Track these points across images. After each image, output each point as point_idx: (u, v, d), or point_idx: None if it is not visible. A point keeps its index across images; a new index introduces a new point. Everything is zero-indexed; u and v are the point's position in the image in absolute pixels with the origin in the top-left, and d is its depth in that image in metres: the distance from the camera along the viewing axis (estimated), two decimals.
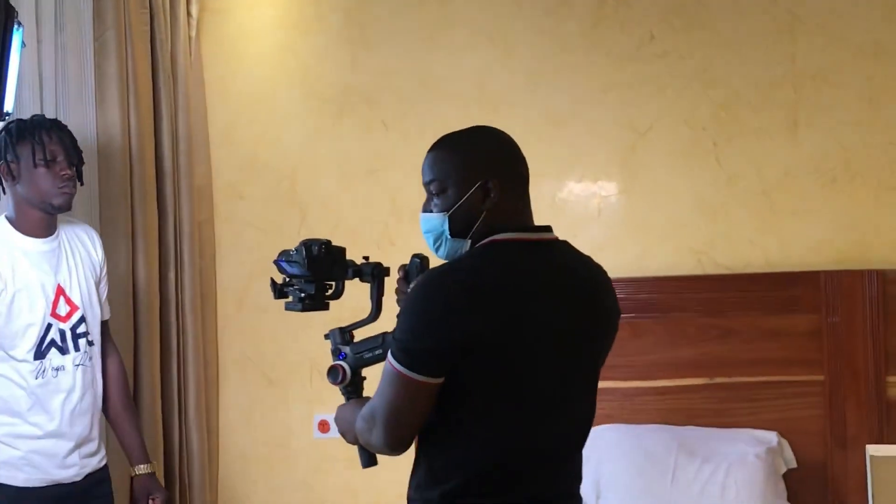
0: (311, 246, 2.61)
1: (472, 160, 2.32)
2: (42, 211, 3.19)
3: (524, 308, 2.18)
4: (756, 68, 4.22)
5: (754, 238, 4.22)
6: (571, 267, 2.32)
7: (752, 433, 4.02)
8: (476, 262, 2.23)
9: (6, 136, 3.14)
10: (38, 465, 3.16)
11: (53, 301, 3.19)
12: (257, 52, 4.70)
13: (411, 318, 2.18)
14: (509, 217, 2.28)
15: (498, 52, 4.45)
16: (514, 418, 2.20)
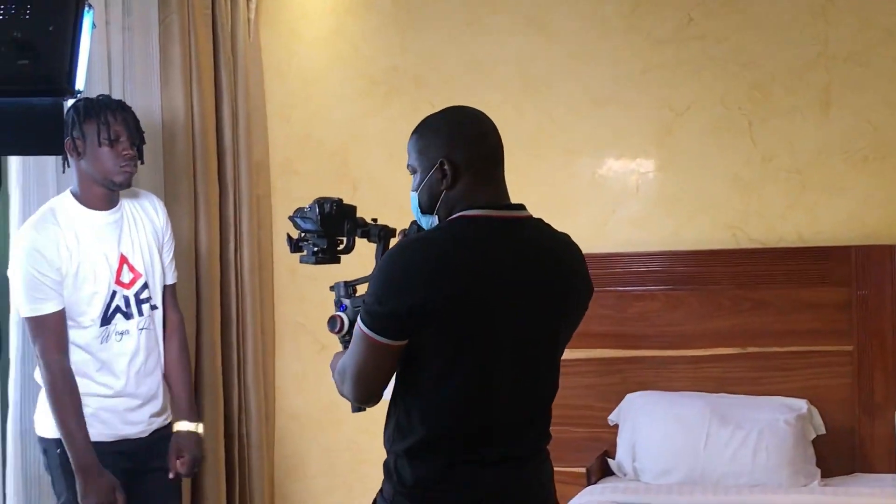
0: (324, 203, 2.68)
1: (431, 142, 2.34)
2: (104, 187, 3.24)
3: (482, 280, 2.20)
4: (790, 50, 4.20)
5: (787, 214, 4.21)
6: (537, 244, 2.32)
7: (783, 400, 4.02)
8: (439, 235, 2.27)
9: (74, 113, 3.18)
10: (106, 421, 3.23)
11: (117, 270, 3.25)
12: (312, 34, 4.74)
13: (376, 283, 2.23)
14: (471, 195, 2.29)
15: (540, 35, 4.46)
16: (469, 384, 2.24)
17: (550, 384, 2.39)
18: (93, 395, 3.22)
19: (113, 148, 3.18)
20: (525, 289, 2.26)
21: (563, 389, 4.57)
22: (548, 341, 2.35)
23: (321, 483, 4.75)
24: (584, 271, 2.42)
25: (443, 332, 2.20)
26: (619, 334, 4.21)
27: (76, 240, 3.18)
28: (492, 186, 2.33)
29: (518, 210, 2.34)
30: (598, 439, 4.22)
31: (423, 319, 2.18)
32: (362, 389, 2.32)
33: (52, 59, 1.94)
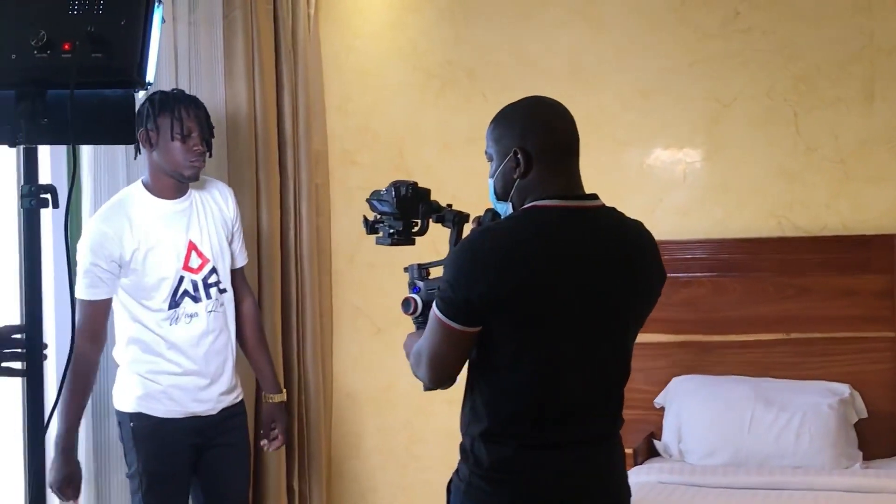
0: (400, 187, 2.66)
1: (506, 132, 2.32)
2: (173, 178, 3.29)
3: (551, 268, 2.19)
4: (835, 43, 4.16)
5: (830, 203, 4.18)
6: (608, 232, 2.30)
7: (826, 385, 4.00)
8: (512, 224, 2.27)
9: (149, 106, 3.23)
10: (176, 398, 3.28)
11: (185, 256, 3.29)
12: (369, 29, 4.75)
13: (450, 271, 2.23)
14: (544, 184, 2.27)
15: (590, 28, 4.45)
16: (539, 369, 2.23)
17: (620, 369, 2.36)
18: (164, 372, 3.27)
19: (184, 143, 3.23)
20: (594, 276, 2.24)
21: None
22: (617, 327, 2.32)
23: (376, 460, 4.78)
24: (655, 258, 2.40)
25: (513, 319, 2.20)
26: (665, 319, 4.16)
27: (145, 228, 3.23)
28: (564, 176, 2.30)
29: (590, 199, 2.31)
30: (646, 421, 4.21)
31: (493, 307, 2.18)
32: (437, 373, 2.33)
33: (125, 53, 1.96)
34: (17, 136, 2.03)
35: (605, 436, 2.36)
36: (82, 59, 1.95)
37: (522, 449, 2.27)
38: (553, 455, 2.28)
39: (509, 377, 2.26)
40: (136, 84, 2.02)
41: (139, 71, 2.00)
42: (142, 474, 3.23)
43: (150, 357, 3.27)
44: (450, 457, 4.70)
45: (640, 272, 2.34)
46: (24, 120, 2.01)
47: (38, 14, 1.97)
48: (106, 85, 2.03)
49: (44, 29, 1.94)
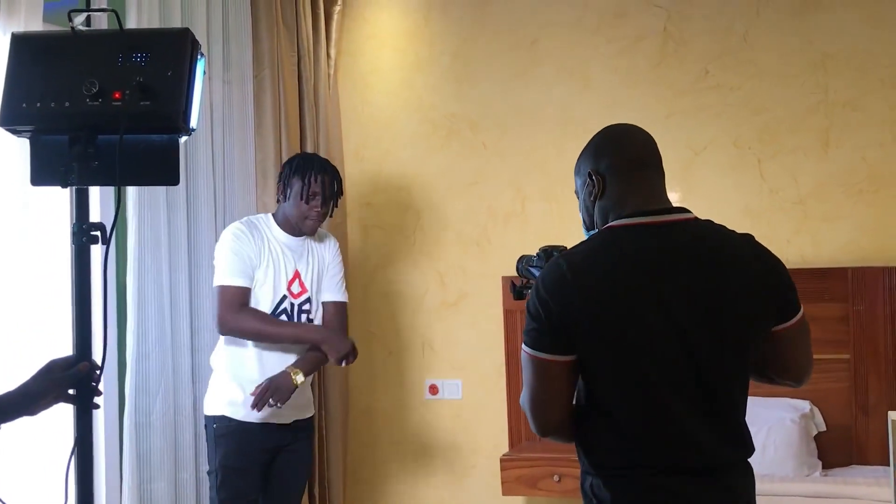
0: (552, 252, 2.44)
1: (581, 161, 2.13)
2: (297, 230, 3.40)
3: (622, 289, 1.93)
4: (794, 98, 4.14)
5: (791, 239, 4.14)
6: (690, 246, 1.97)
7: (789, 401, 3.95)
8: (585, 248, 2.02)
9: (288, 167, 3.42)
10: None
11: (290, 281, 3.37)
12: (382, 86, 4.74)
13: (529, 302, 2.00)
14: (620, 202, 2.02)
15: (578, 85, 4.43)
16: (633, 395, 1.94)
17: (730, 389, 1.98)
18: (249, 381, 3.27)
19: (308, 203, 3.34)
20: (675, 293, 1.92)
21: None
22: (718, 343, 1.94)
23: (390, 469, 4.71)
24: (762, 267, 2.00)
25: (595, 344, 1.94)
26: None
27: (268, 247, 3.34)
28: (641, 191, 2.03)
29: (669, 214, 2.02)
30: None
31: (570, 331, 1.93)
32: (537, 412, 2.02)
33: (170, 101, 1.92)
34: (70, 177, 1.97)
35: (725, 463, 1.99)
36: (131, 107, 1.91)
37: (644, 480, 1.95)
38: (669, 484, 1.94)
39: (606, 406, 1.98)
40: (180, 130, 1.98)
41: (184, 118, 1.95)
42: (218, 469, 3.26)
43: (240, 363, 3.31)
44: (454, 465, 4.66)
45: (734, 284, 1.95)
46: (77, 163, 1.96)
47: (91, 65, 1.93)
48: (152, 130, 1.99)
49: (96, 79, 1.90)
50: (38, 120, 1.97)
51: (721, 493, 1.98)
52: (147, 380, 3.44)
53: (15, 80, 1.98)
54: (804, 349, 2.08)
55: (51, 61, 1.98)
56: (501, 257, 4.42)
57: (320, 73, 4.53)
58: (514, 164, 4.50)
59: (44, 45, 2.03)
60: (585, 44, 4.42)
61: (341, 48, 4.73)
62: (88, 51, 1.99)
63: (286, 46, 4.25)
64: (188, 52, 1.96)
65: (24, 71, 1.98)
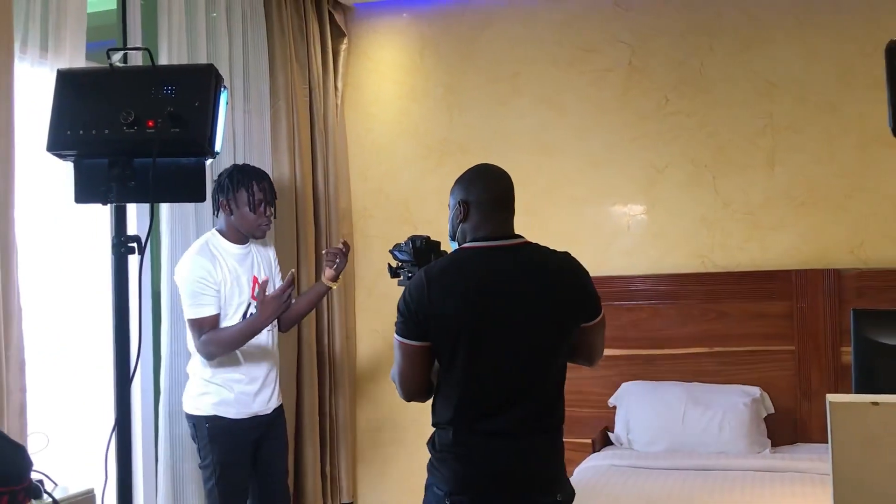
0: (416, 240, 2.70)
1: (457, 188, 2.36)
2: (245, 236, 3.29)
3: (467, 293, 2.21)
4: (743, 122, 4.15)
5: (743, 246, 4.15)
6: (522, 263, 2.26)
7: (741, 388, 3.96)
8: (442, 262, 2.31)
9: (228, 181, 3.24)
10: (245, 403, 3.22)
11: (252, 286, 3.26)
12: (383, 115, 4.74)
13: (400, 300, 2.28)
14: (476, 229, 2.30)
15: (553, 112, 4.44)
16: (463, 374, 2.23)
17: (536, 372, 2.26)
18: (236, 381, 3.21)
19: (255, 211, 3.23)
20: (505, 298, 2.22)
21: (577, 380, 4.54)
22: (531, 336, 2.24)
23: (391, 449, 4.70)
24: (574, 278, 2.30)
25: (442, 334, 2.22)
26: (616, 337, 4.15)
27: (226, 265, 3.20)
28: (493, 223, 2.31)
29: (509, 239, 2.30)
30: (601, 418, 4.16)
31: (427, 323, 2.22)
32: (403, 384, 2.33)
33: (198, 128, 1.92)
34: (110, 196, 1.98)
35: (526, 429, 2.26)
36: (163, 134, 1.91)
37: (456, 435, 2.26)
38: (480, 442, 2.24)
39: (444, 381, 2.28)
40: (206, 154, 1.98)
41: (209, 143, 1.96)
42: (215, 465, 3.16)
43: (225, 368, 3.21)
44: None
45: (552, 292, 2.25)
46: (115, 183, 1.96)
47: (127, 97, 1.94)
48: (182, 154, 1.99)
49: (132, 109, 1.90)
50: (82, 145, 1.97)
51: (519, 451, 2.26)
52: (179, 373, 3.42)
53: (61, 110, 1.98)
54: (600, 340, 2.41)
55: (92, 94, 1.99)
56: None
57: (329, 104, 4.53)
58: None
59: (86, 80, 2.04)
60: (560, 76, 4.43)
61: (347, 81, 4.74)
62: (125, 84, 2.00)
63: (299, 80, 4.25)
64: (213, 85, 1.96)
65: (68, 102, 1.99)
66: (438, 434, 2.32)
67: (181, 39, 3.52)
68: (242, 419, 3.21)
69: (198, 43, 3.63)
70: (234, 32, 3.88)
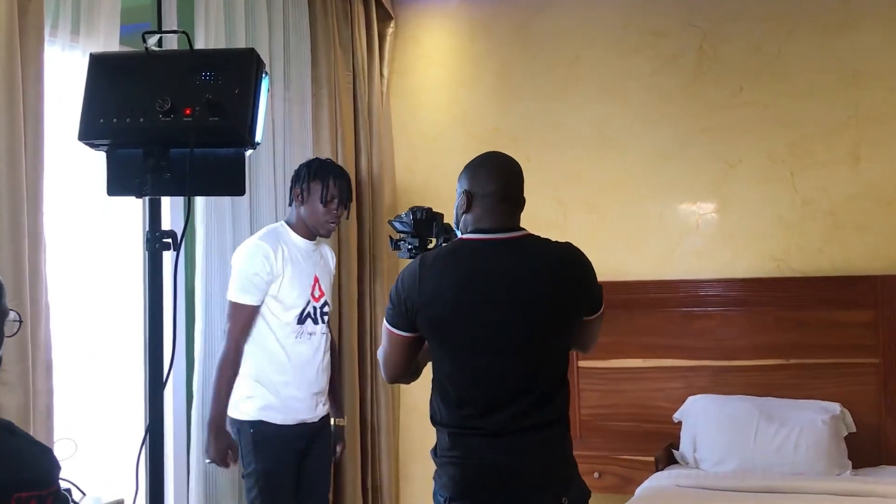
0: (416, 211, 2.75)
1: (463, 176, 2.42)
2: (311, 231, 3.33)
3: (460, 285, 2.24)
4: (825, 113, 4.08)
5: (823, 248, 4.09)
6: (522, 256, 2.29)
7: (820, 403, 3.89)
8: (439, 251, 2.37)
9: (306, 170, 3.32)
10: (292, 408, 3.23)
11: (312, 285, 3.30)
12: (430, 103, 4.75)
13: (393, 285, 2.33)
14: (478, 219, 2.33)
15: (616, 102, 4.41)
16: (452, 370, 2.27)
17: (533, 366, 2.27)
18: (284, 384, 3.22)
19: (326, 207, 3.28)
20: (500, 290, 2.24)
21: (637, 392, 4.49)
22: (527, 330, 2.25)
23: None
24: (574, 272, 2.33)
25: (433, 326, 2.26)
26: (683, 347, 4.13)
27: (290, 256, 3.24)
28: (495, 215, 2.33)
29: (511, 232, 2.33)
30: (666, 433, 4.12)
31: (416, 314, 2.26)
32: (387, 369, 2.42)
33: (237, 117, 1.92)
34: (144, 188, 1.99)
35: (531, 425, 2.27)
36: (201, 123, 1.92)
37: (452, 436, 2.29)
38: (476, 443, 2.26)
39: (438, 375, 2.32)
40: (246, 144, 1.98)
41: (250, 133, 1.96)
42: (259, 473, 3.18)
43: (273, 369, 3.23)
44: None
45: (552, 286, 2.28)
46: (150, 174, 1.97)
47: (163, 83, 1.95)
48: (220, 144, 2.00)
49: (168, 96, 1.91)
50: (115, 134, 1.98)
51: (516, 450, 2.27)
52: (212, 376, 3.44)
53: (93, 97, 2.00)
54: (597, 331, 2.47)
55: (126, 80, 2.00)
56: None
57: (374, 91, 4.55)
58: (557, 177, 4.47)
59: (119, 65, 2.06)
60: (623, 63, 4.40)
61: (393, 67, 4.75)
62: (161, 70, 2.01)
63: (342, 66, 4.27)
64: (254, 70, 1.96)
65: (101, 89, 2.00)
66: (438, 438, 2.36)
67: (219, 22, 3.55)
68: (289, 426, 3.23)
69: (236, 26, 3.67)
70: (274, 14, 3.90)
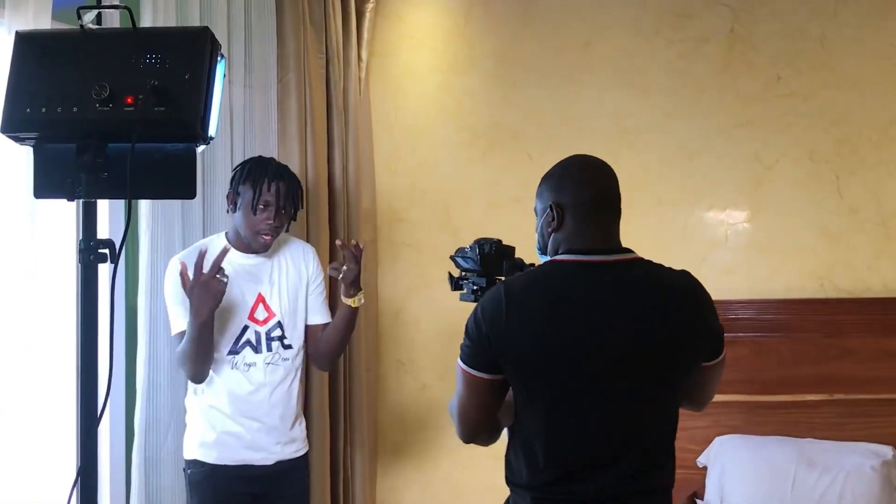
0: (484, 244, 2.67)
1: (546, 188, 2.33)
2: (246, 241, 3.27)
3: (554, 321, 2.15)
4: (876, 107, 4.13)
5: (873, 264, 4.12)
6: (630, 285, 2.20)
7: (869, 446, 3.91)
8: (527, 277, 2.27)
9: (240, 171, 3.26)
10: (229, 445, 3.21)
11: (252, 307, 3.24)
12: (418, 90, 4.76)
13: (469, 319, 2.24)
14: (572, 238, 2.25)
15: (635, 92, 4.43)
16: (545, 423, 2.18)
17: (644, 424, 2.21)
18: (219, 418, 3.21)
19: (258, 214, 3.20)
20: (603, 329, 2.14)
21: None
22: (635, 376, 2.17)
23: None
24: (694, 308, 2.23)
25: (519, 368, 2.18)
26: None
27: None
28: (593, 230, 2.26)
29: (610, 254, 2.24)
30: (688, 480, 4.11)
31: (500, 353, 2.18)
32: (464, 422, 2.30)
33: (188, 107, 1.92)
34: (77, 189, 1.99)
35: (633, 494, 2.21)
36: (145, 113, 1.92)
37: (536, 502, 2.22)
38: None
39: (521, 428, 2.25)
40: (198, 138, 1.98)
41: (202, 125, 1.96)
42: None
43: (208, 402, 3.23)
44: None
45: (667, 323, 2.18)
46: (85, 174, 1.97)
47: (101, 67, 1.94)
48: (168, 139, 1.99)
49: (107, 82, 1.91)
50: (44, 126, 1.98)
51: None
52: (157, 409, 3.44)
53: (19, 82, 2.00)
54: (716, 382, 2.38)
55: (58, 62, 2.00)
56: None
57: (350, 77, 4.55)
58: None
59: (50, 45, 2.05)
60: (643, 46, 4.43)
61: (373, 49, 4.76)
62: (99, 51, 2.01)
63: (313, 47, 4.27)
64: (207, 53, 1.96)
65: (29, 73, 2.00)
66: (514, 498, 2.28)
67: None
68: (227, 466, 3.21)
69: (189, 1, 3.66)
70: None
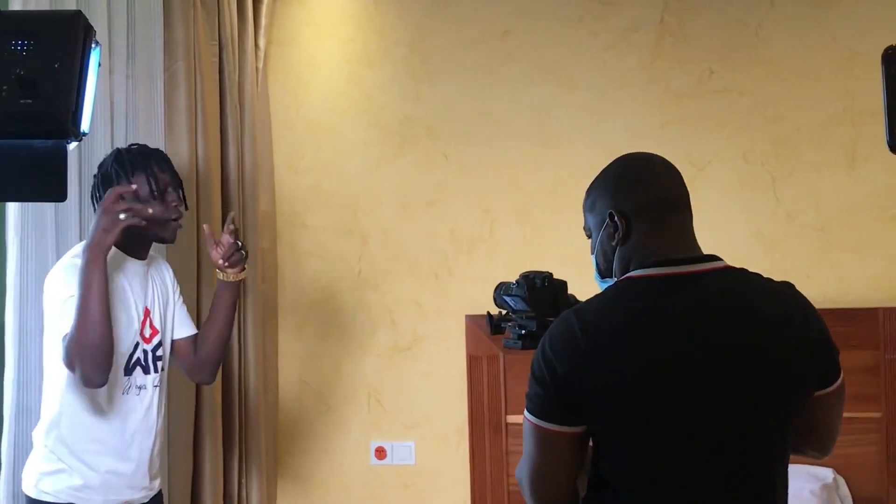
0: (535, 279, 2.46)
1: (598, 196, 2.15)
2: (150, 240, 3.13)
3: (647, 350, 1.93)
4: (815, 105, 4.21)
5: (812, 273, 4.19)
6: (726, 302, 2.00)
7: (808, 469, 3.96)
8: (600, 301, 2.03)
9: (117, 165, 3.06)
10: (113, 486, 3.05)
11: (142, 322, 3.11)
12: (322, 83, 4.76)
13: (533, 361, 2.02)
14: (644, 248, 2.06)
15: (558, 86, 4.48)
16: (650, 468, 1.96)
17: (765, 468, 1.99)
18: (103, 455, 3.03)
19: (162, 201, 3.07)
20: (703, 356, 1.93)
21: None
22: (755, 415, 1.96)
23: None
24: (802, 324, 2.01)
25: (606, 413, 1.96)
26: None
27: (112, 283, 2.98)
28: (668, 236, 2.07)
29: (697, 263, 2.04)
30: None
31: (581, 398, 1.95)
32: (537, 487, 2.07)
33: (57, 99, 1.90)
34: None
35: None
36: (9, 106, 1.89)
37: None
38: None
39: (618, 481, 2.00)
40: (69, 134, 1.96)
41: (73, 120, 1.93)
42: None
43: (93, 434, 3.04)
44: None
45: (773, 345, 1.97)
46: None
47: None
48: (35, 135, 1.97)
49: None
50: None
51: None
52: (29, 440, 3.36)
53: None
54: (838, 416, 2.15)
55: None
56: (465, 292, 4.44)
57: (246, 67, 4.53)
58: (482, 180, 4.51)
59: None
60: (567, 37, 4.47)
61: (273, 37, 4.75)
62: None
63: (205, 34, 4.24)
64: (80, 39, 1.94)
65: None
66: None
67: None
68: None
69: None
70: None
